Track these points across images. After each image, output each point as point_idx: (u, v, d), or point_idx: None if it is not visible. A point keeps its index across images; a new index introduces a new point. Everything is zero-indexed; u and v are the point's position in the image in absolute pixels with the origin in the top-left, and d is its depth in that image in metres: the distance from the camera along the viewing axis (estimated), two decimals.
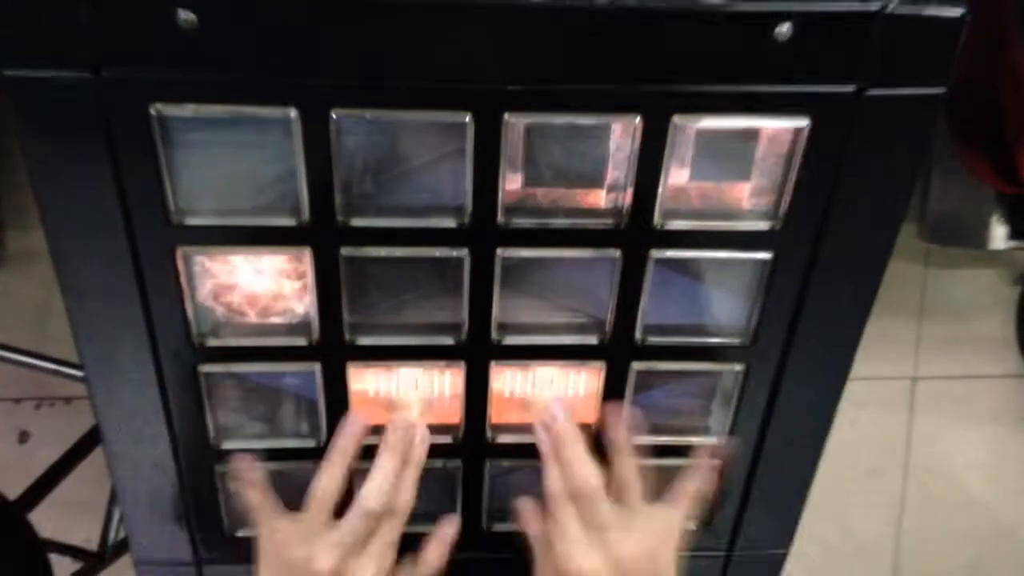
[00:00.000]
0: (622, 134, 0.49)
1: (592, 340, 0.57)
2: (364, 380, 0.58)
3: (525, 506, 0.59)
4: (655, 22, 0.45)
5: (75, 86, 0.44)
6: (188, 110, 0.47)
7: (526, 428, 0.59)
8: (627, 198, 0.51)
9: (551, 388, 0.60)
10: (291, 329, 0.55)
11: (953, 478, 1.63)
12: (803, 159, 0.50)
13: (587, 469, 0.54)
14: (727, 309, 0.57)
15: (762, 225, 0.53)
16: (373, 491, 0.54)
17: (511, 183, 0.50)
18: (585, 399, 0.60)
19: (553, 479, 0.55)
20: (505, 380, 0.59)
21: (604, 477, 0.55)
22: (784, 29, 0.45)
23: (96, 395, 0.56)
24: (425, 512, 0.66)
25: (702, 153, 0.51)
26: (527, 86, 0.47)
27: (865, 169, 0.50)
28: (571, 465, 0.55)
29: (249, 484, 0.59)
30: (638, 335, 0.57)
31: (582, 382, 0.60)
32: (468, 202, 0.50)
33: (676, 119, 0.48)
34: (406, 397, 0.60)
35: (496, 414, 0.60)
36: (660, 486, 0.59)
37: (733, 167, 0.52)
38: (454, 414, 0.60)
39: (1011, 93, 0.96)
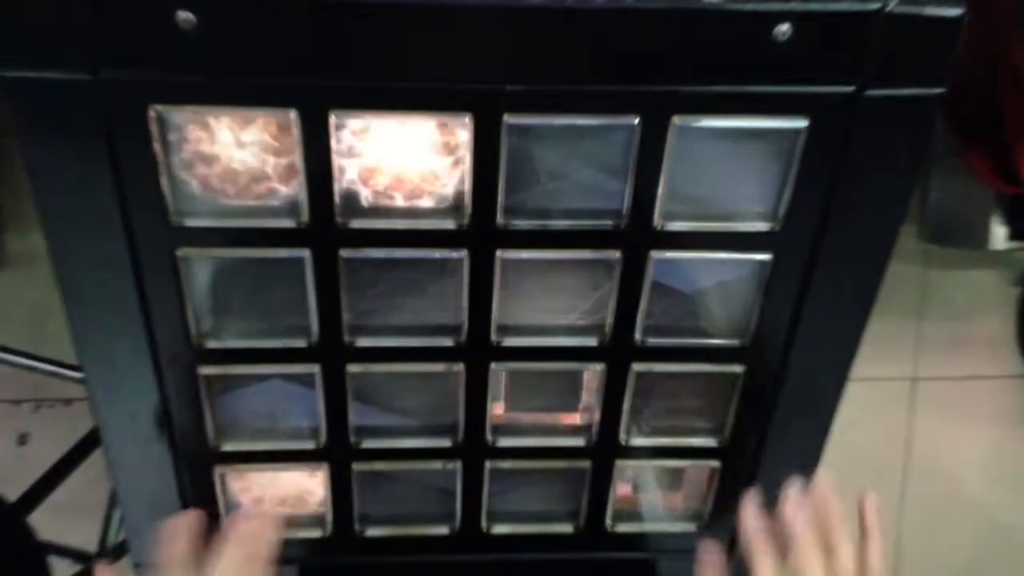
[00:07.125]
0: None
1: (592, 341, 0.57)
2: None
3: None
4: (654, 22, 0.45)
5: (74, 87, 0.44)
6: (187, 111, 0.47)
7: (526, 430, 0.59)
8: (626, 200, 0.51)
9: None
10: (291, 330, 0.55)
11: (953, 478, 1.63)
12: (802, 159, 0.50)
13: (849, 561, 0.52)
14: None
15: (762, 226, 0.53)
16: None
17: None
18: None
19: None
20: None
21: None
22: (783, 29, 0.45)
23: (95, 397, 0.56)
24: (425, 513, 0.66)
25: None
26: (527, 86, 0.47)
27: (865, 169, 0.50)
28: (837, 552, 0.53)
29: None
30: (638, 336, 0.56)
31: None
32: (468, 203, 0.50)
33: (676, 119, 0.48)
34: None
35: None
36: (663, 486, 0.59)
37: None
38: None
39: (1011, 93, 0.95)
